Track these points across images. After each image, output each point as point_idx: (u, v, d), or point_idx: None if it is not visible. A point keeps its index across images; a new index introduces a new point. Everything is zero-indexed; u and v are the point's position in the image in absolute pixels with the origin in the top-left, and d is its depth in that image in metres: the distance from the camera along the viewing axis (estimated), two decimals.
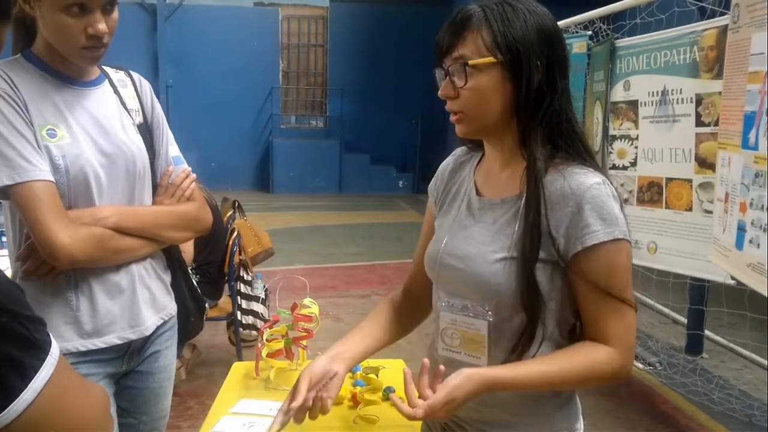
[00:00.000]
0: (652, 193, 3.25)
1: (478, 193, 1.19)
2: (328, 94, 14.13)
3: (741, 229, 2.34)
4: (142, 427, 1.54)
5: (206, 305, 1.94)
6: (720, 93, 2.73)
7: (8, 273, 1.41)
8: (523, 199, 1.08)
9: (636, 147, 3.39)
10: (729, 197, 2.46)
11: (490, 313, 1.10)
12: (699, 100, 2.93)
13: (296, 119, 14.41)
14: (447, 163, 1.31)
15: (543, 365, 1.06)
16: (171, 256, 1.58)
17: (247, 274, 3.64)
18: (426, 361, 1.08)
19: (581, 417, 1.19)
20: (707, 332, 4.00)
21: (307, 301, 1.89)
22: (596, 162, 1.11)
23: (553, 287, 1.08)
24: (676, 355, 3.87)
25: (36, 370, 0.60)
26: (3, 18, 0.66)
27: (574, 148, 1.10)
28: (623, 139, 3.48)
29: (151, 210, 1.46)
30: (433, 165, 1.48)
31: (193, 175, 1.54)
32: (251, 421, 1.53)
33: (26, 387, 0.59)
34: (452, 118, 1.13)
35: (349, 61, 13.71)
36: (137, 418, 1.53)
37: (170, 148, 1.53)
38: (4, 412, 0.57)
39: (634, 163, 3.40)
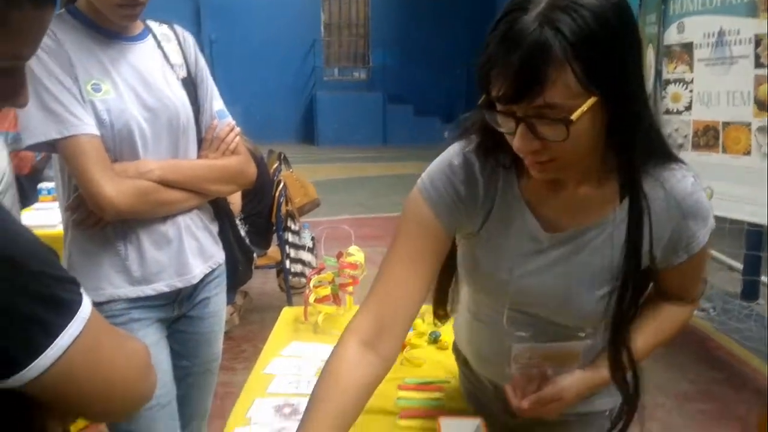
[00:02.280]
0: (708, 137, 3.13)
1: (537, 215, 1.00)
2: (371, 45, 13.94)
3: None
4: (195, 369, 1.60)
5: (254, 254, 1.98)
6: None
7: (60, 222, 1.47)
8: (618, 221, 0.96)
9: (691, 91, 3.25)
10: None
11: (585, 334, 1.06)
12: (758, 41, 2.77)
13: (339, 71, 14.32)
14: (471, 176, 1.00)
15: (646, 343, 1.06)
16: (218, 207, 1.60)
17: (295, 224, 3.70)
18: (507, 387, 1.05)
19: None
20: (763, 278, 3.90)
21: (352, 249, 1.91)
22: (671, 148, 0.98)
23: None
24: (731, 301, 3.79)
25: (62, 327, 0.62)
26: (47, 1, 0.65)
27: (654, 141, 0.95)
28: (677, 83, 3.34)
29: (195, 164, 1.47)
30: None
31: (237, 129, 1.55)
32: (300, 363, 1.57)
33: (51, 344, 0.61)
34: (535, 166, 0.89)
35: (391, 11, 13.46)
36: (190, 361, 1.59)
37: (214, 102, 1.53)
38: (27, 369, 0.60)
39: (689, 108, 3.27)
